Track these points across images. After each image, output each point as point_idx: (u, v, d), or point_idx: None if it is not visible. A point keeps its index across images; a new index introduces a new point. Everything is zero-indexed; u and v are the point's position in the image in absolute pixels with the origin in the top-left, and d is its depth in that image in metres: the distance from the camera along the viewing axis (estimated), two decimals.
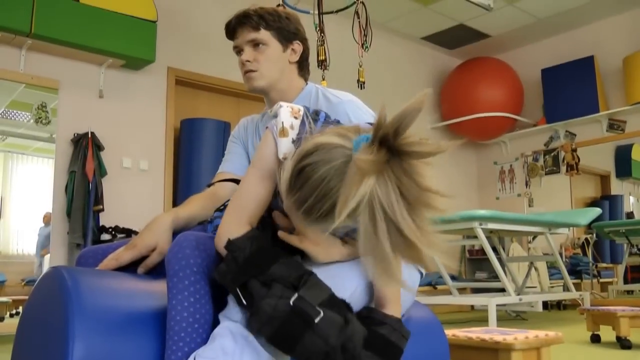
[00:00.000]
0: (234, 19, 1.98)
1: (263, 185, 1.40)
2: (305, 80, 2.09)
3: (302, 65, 2.06)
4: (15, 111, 5.20)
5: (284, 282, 1.27)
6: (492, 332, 2.40)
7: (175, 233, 1.68)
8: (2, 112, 5.14)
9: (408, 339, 1.40)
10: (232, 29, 2.00)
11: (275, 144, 1.38)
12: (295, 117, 1.39)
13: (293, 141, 1.37)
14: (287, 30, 1.99)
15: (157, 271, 1.64)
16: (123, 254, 1.61)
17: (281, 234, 1.39)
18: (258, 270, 1.28)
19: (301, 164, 1.18)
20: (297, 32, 2.03)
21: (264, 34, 1.95)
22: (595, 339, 4.02)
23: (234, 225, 1.36)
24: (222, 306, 1.35)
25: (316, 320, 1.23)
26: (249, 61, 1.96)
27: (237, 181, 1.80)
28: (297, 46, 2.02)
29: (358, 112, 1.78)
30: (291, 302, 1.24)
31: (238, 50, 2.00)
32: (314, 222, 1.19)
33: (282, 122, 1.37)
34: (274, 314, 1.23)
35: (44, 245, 5.18)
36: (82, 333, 1.25)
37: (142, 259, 1.66)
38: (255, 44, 1.96)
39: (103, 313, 1.31)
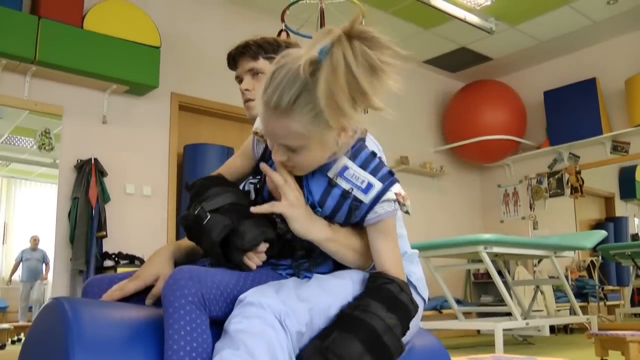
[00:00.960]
0: (234, 50, 2.01)
1: (240, 158, 1.65)
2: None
3: None
4: (18, 137, 5.20)
5: (200, 201, 1.54)
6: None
7: (177, 264, 1.70)
8: (6, 138, 5.14)
9: (416, 309, 1.48)
10: (232, 59, 2.03)
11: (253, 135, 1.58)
12: None
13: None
14: None
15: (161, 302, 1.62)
16: (127, 285, 1.61)
17: (254, 208, 1.49)
18: (198, 197, 1.56)
19: (274, 67, 1.34)
20: None
21: (262, 63, 1.96)
22: None
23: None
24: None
25: (204, 222, 1.49)
26: (247, 90, 1.98)
27: None
28: None
29: (370, 146, 1.75)
30: (195, 212, 1.51)
31: (239, 80, 2.03)
32: (286, 114, 1.31)
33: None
34: (183, 222, 1.55)
35: (37, 270, 5.15)
36: None
37: (148, 290, 1.65)
38: (254, 72, 1.98)
39: (103, 345, 1.30)
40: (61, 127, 5.24)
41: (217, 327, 1.36)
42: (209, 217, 1.49)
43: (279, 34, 4.68)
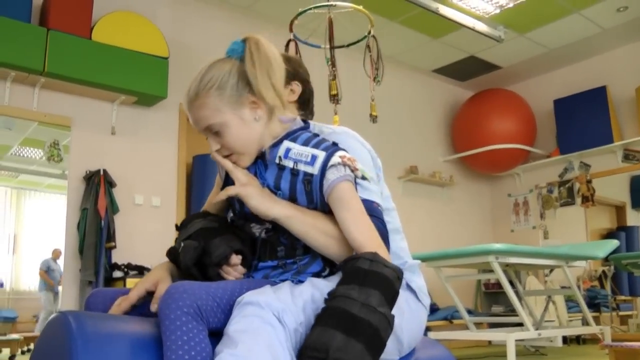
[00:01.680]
0: None
1: (215, 188, 1.82)
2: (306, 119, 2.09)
3: (303, 106, 2.12)
4: (28, 148, 5.21)
5: (180, 235, 1.66)
6: None
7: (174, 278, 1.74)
8: (15, 149, 5.15)
9: (399, 274, 1.43)
10: None
11: None
12: None
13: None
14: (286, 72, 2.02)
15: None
16: (130, 294, 1.62)
17: (217, 196, 1.61)
18: (184, 233, 1.65)
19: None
20: (297, 73, 2.11)
21: None
22: None
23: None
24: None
25: (179, 251, 1.60)
26: None
27: None
28: (296, 87, 2.10)
29: (351, 141, 1.79)
30: (176, 244, 1.64)
31: None
32: (196, 99, 1.58)
33: None
34: (169, 256, 1.68)
35: (57, 280, 5.16)
36: None
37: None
38: None
39: (108, 358, 1.30)
40: (70, 138, 5.25)
41: (217, 338, 1.36)
42: (182, 245, 1.60)
43: (288, 43, 4.68)
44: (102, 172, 5.22)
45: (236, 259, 1.56)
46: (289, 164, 1.54)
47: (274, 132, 1.59)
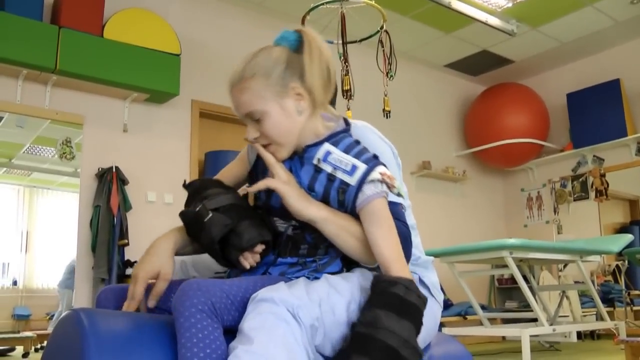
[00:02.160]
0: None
1: (235, 165, 1.77)
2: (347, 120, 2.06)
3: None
4: (40, 147, 5.23)
5: (201, 199, 1.60)
6: None
7: (179, 252, 1.74)
8: (28, 147, 5.17)
9: (426, 302, 1.45)
10: None
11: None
12: None
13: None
14: None
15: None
16: (135, 291, 1.58)
17: (249, 188, 1.59)
18: (197, 195, 1.62)
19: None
20: None
21: None
22: None
23: None
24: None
25: (205, 220, 1.53)
26: None
27: None
28: None
29: (371, 136, 1.77)
30: (196, 209, 1.57)
31: None
32: (240, 83, 1.53)
33: None
34: (183, 217, 1.63)
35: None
36: None
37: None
38: None
39: (120, 355, 1.30)
40: (82, 136, 5.26)
41: (232, 336, 1.36)
42: (210, 215, 1.54)
43: None
44: (114, 170, 5.23)
45: (260, 247, 1.54)
46: (327, 168, 1.52)
47: (315, 129, 1.56)
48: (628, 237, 5.93)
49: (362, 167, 1.48)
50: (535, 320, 5.45)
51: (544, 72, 8.62)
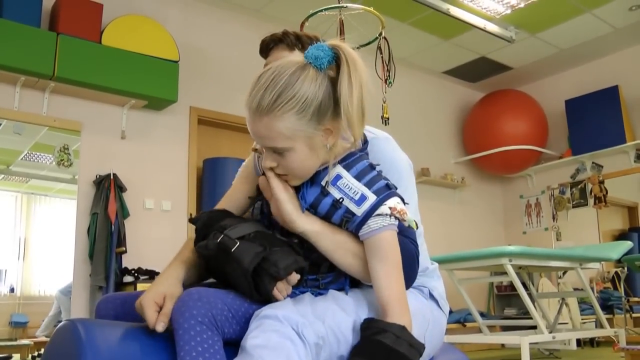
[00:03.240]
0: (270, 37, 1.94)
1: (242, 185, 1.64)
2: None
3: None
4: (38, 154, 5.21)
5: (217, 229, 1.46)
6: None
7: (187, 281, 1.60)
8: (25, 154, 5.15)
9: (421, 351, 1.36)
10: (266, 46, 1.95)
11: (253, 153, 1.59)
12: None
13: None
14: None
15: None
16: (149, 315, 1.44)
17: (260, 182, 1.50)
18: (210, 228, 1.48)
19: (259, 73, 1.39)
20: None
21: (297, 56, 1.81)
22: None
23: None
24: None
25: (232, 250, 1.39)
26: None
27: None
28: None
29: (390, 149, 1.71)
30: (217, 240, 1.42)
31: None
32: (268, 114, 1.34)
33: None
34: (205, 252, 1.45)
35: None
36: None
37: None
38: None
39: None
40: (80, 142, 5.24)
41: (231, 347, 1.33)
42: (237, 244, 1.40)
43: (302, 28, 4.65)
44: (112, 177, 5.21)
45: (296, 277, 1.43)
46: (335, 193, 1.42)
47: (335, 154, 1.44)
48: (627, 244, 5.92)
49: (371, 198, 1.40)
50: (534, 327, 5.44)
51: (542, 78, 8.62)
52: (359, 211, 1.40)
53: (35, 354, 4.94)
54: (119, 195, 5.22)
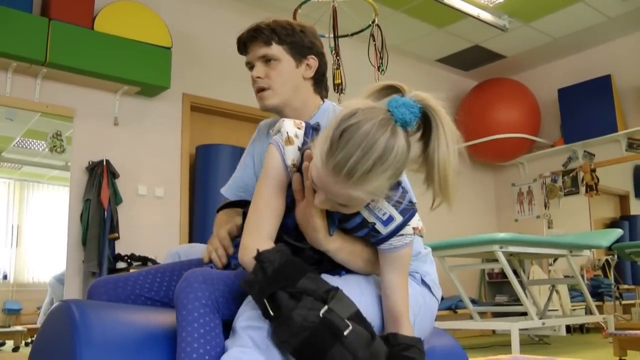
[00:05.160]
0: (245, 33, 1.92)
1: (276, 197, 1.46)
2: (323, 97, 1.99)
3: (319, 82, 1.96)
4: (30, 140, 5.20)
5: (313, 295, 1.29)
6: None
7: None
8: (18, 141, 5.14)
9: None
10: (243, 44, 1.94)
11: (280, 155, 1.45)
12: (299, 128, 1.47)
13: (299, 149, 1.43)
14: (300, 45, 1.91)
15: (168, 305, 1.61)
16: (222, 239, 1.56)
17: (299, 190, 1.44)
18: (287, 282, 1.29)
19: (343, 126, 1.24)
20: (313, 46, 1.94)
21: (275, 49, 1.87)
22: None
23: (257, 239, 1.41)
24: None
25: (345, 333, 1.25)
26: (259, 77, 1.89)
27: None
28: (313, 61, 1.93)
29: None
30: (321, 314, 1.26)
31: (250, 67, 1.93)
32: (356, 184, 1.23)
33: (287, 132, 1.45)
34: (304, 324, 1.24)
35: None
36: None
37: (158, 291, 1.64)
38: (267, 59, 1.88)
39: (111, 347, 1.29)
40: (73, 129, 5.23)
41: (229, 329, 1.36)
42: (350, 328, 1.28)
43: (294, 15, 4.65)
44: (105, 163, 5.21)
45: None
46: (365, 214, 1.42)
47: None
48: (617, 232, 5.96)
49: (397, 219, 1.41)
50: (525, 314, 5.48)
51: (535, 67, 8.63)
52: (385, 231, 1.43)
53: (29, 340, 4.95)
54: (112, 182, 5.22)
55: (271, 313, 1.28)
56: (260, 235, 1.42)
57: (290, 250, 1.41)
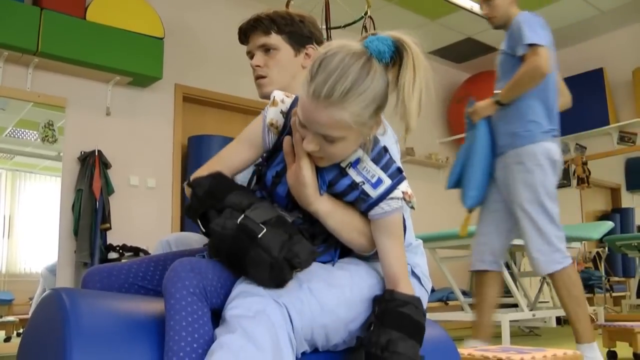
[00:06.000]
0: (246, 24, 1.96)
1: (247, 150, 1.54)
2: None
3: None
4: (22, 130, 5.18)
5: (235, 207, 1.40)
6: (508, 351, 2.34)
7: None
8: (10, 131, 5.12)
9: (425, 317, 1.48)
10: (243, 34, 1.99)
11: (262, 116, 1.51)
12: (287, 96, 1.51)
13: (281, 112, 1.48)
14: (299, 34, 1.95)
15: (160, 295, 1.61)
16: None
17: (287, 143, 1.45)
18: (215, 201, 1.41)
19: (320, 57, 1.32)
20: (312, 35, 1.99)
21: (274, 38, 1.92)
22: (612, 356, 3.94)
23: (204, 172, 1.50)
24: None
25: (259, 235, 1.34)
26: (259, 66, 1.94)
27: None
28: (312, 50, 1.97)
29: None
30: (238, 221, 1.37)
31: (250, 56, 1.98)
32: (336, 105, 1.29)
33: (274, 96, 1.50)
34: (222, 232, 1.37)
35: None
36: (80, 356, 1.22)
37: (150, 280, 1.67)
38: (266, 48, 1.93)
39: (101, 335, 1.29)
40: (65, 119, 5.22)
41: (219, 317, 1.36)
42: (264, 230, 1.36)
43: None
44: (97, 153, 5.20)
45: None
46: (354, 175, 1.45)
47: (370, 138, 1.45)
48: (608, 225, 5.99)
49: (387, 182, 1.44)
50: (515, 305, 5.50)
51: None
52: (375, 194, 1.45)
53: (21, 330, 4.96)
54: (104, 172, 5.22)
55: (203, 230, 1.41)
56: (208, 169, 1.51)
57: (223, 175, 1.48)
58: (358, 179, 1.45)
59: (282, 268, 1.34)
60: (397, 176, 1.47)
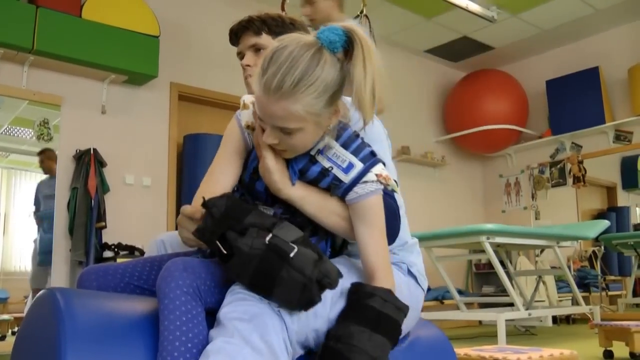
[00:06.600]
0: (237, 25, 1.99)
1: (230, 157, 1.55)
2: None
3: None
4: (18, 128, 5.17)
5: (259, 227, 1.35)
6: (505, 351, 2.34)
7: None
8: (5, 129, 5.11)
9: (405, 312, 1.44)
10: (234, 35, 2.01)
11: (237, 120, 1.55)
12: None
13: (254, 113, 1.46)
14: None
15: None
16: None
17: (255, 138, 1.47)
18: (234, 221, 1.35)
19: (274, 49, 1.35)
20: None
21: (265, 39, 1.93)
22: (609, 355, 3.94)
23: (204, 192, 1.47)
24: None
25: (291, 255, 1.31)
26: (249, 66, 1.96)
27: None
28: None
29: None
30: (266, 240, 1.32)
31: (241, 56, 2.01)
32: (287, 97, 1.31)
33: (244, 100, 1.53)
34: (250, 252, 1.31)
35: None
36: (74, 355, 1.22)
37: (148, 280, 1.66)
38: (257, 49, 1.95)
39: (95, 335, 1.28)
40: (60, 117, 5.21)
41: (212, 317, 1.36)
42: (295, 249, 1.33)
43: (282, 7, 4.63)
44: (92, 152, 5.19)
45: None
46: (323, 162, 1.45)
47: (330, 128, 1.45)
48: (604, 223, 6.00)
49: (358, 166, 1.44)
50: (511, 305, 5.51)
51: (523, 58, 8.65)
52: (347, 178, 1.44)
53: (16, 329, 4.94)
54: (99, 170, 5.21)
55: (224, 252, 1.34)
56: (208, 190, 1.48)
57: (234, 195, 1.47)
58: (327, 165, 1.45)
59: (312, 288, 1.32)
60: (370, 159, 1.46)
